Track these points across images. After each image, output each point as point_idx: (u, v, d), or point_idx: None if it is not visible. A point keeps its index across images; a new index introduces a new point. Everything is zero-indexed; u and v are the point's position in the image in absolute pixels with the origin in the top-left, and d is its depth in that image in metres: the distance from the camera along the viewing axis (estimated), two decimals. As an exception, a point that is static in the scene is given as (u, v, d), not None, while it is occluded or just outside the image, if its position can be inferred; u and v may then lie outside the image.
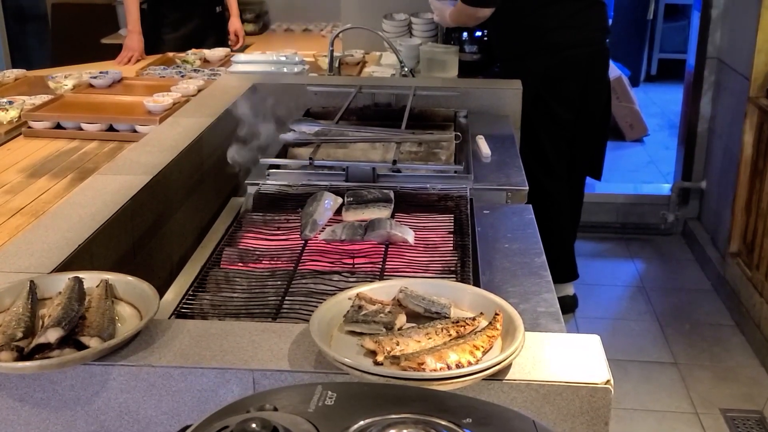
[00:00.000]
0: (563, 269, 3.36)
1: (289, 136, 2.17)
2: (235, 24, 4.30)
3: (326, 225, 1.72)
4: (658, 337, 3.30)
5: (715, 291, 3.66)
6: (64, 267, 1.41)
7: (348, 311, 1.25)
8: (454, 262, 1.57)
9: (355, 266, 1.58)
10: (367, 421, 0.74)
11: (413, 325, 1.23)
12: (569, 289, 3.45)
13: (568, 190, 3.36)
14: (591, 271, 3.78)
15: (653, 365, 3.10)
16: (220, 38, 4.23)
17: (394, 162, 1.98)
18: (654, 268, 3.99)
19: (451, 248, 1.65)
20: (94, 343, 1.14)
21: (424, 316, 1.27)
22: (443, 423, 0.75)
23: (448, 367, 1.09)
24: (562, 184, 3.32)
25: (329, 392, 0.80)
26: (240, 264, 1.59)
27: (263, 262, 1.60)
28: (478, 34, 3.49)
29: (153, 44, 3.94)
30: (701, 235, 4.03)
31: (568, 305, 3.42)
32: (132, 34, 3.82)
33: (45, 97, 2.79)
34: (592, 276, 3.75)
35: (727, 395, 2.90)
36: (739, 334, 3.30)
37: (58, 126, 2.56)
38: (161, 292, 1.33)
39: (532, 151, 3.11)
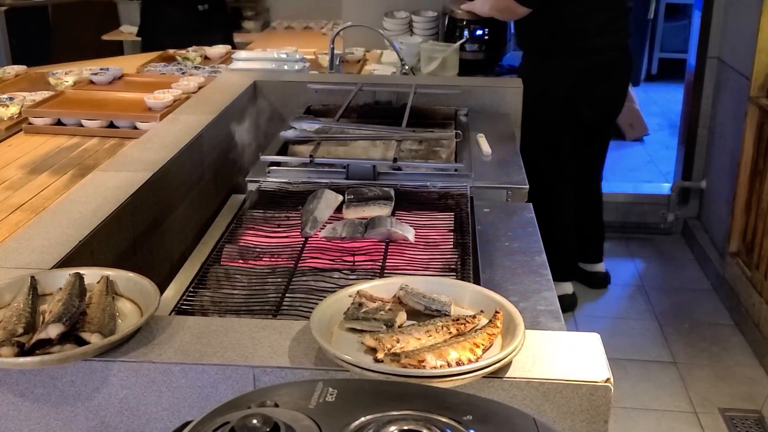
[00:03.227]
0: (563, 267, 3.38)
1: (289, 134, 2.17)
2: None
3: (327, 222, 1.72)
4: (657, 337, 3.30)
5: (715, 290, 3.66)
6: (64, 263, 1.41)
7: (348, 308, 1.26)
8: (455, 260, 1.57)
9: (356, 264, 1.58)
10: (368, 417, 0.74)
11: (414, 322, 1.23)
12: (568, 288, 3.46)
13: (573, 190, 3.39)
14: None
15: (652, 364, 3.11)
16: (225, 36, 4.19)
17: (395, 160, 1.98)
18: (654, 268, 3.99)
19: (452, 246, 1.65)
20: (94, 339, 1.14)
21: (424, 314, 1.27)
22: (444, 420, 0.75)
23: (449, 365, 1.09)
24: (568, 184, 3.35)
25: (330, 389, 0.80)
26: (240, 261, 1.60)
27: (264, 259, 1.60)
28: (479, 32, 3.49)
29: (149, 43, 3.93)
30: (701, 234, 4.03)
31: (567, 304, 3.43)
32: None
33: (45, 94, 2.79)
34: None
35: (726, 395, 2.90)
36: (738, 334, 3.30)
37: (59, 122, 2.56)
38: (161, 289, 1.33)
39: (546, 149, 3.14)
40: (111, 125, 2.53)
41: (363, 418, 0.74)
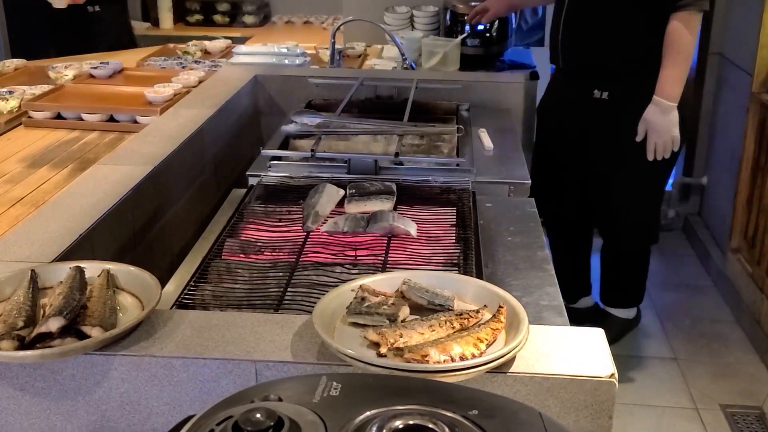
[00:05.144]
0: (638, 293, 3.27)
1: (290, 128, 2.17)
2: None
3: (328, 217, 1.71)
4: (658, 333, 3.29)
5: (716, 287, 3.65)
6: (65, 256, 1.40)
7: (351, 303, 1.25)
8: (457, 254, 1.57)
9: (358, 258, 1.57)
10: (373, 412, 0.74)
11: (417, 317, 1.23)
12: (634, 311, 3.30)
13: None
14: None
15: (653, 360, 3.10)
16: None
17: (397, 154, 1.97)
18: (655, 264, 3.96)
19: (454, 241, 1.64)
20: (95, 333, 1.14)
21: (427, 309, 1.26)
22: (449, 414, 0.74)
23: (452, 360, 1.09)
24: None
25: (334, 383, 0.79)
26: (242, 255, 1.59)
27: (265, 253, 1.59)
28: (480, 27, 3.47)
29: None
30: (702, 230, 4.02)
31: (635, 325, 3.28)
32: None
33: (45, 87, 2.78)
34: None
35: (726, 391, 2.89)
36: (739, 330, 3.29)
37: (59, 116, 2.55)
38: (162, 283, 1.32)
39: (669, 167, 2.98)
40: (111, 119, 2.52)
41: (368, 413, 0.73)
